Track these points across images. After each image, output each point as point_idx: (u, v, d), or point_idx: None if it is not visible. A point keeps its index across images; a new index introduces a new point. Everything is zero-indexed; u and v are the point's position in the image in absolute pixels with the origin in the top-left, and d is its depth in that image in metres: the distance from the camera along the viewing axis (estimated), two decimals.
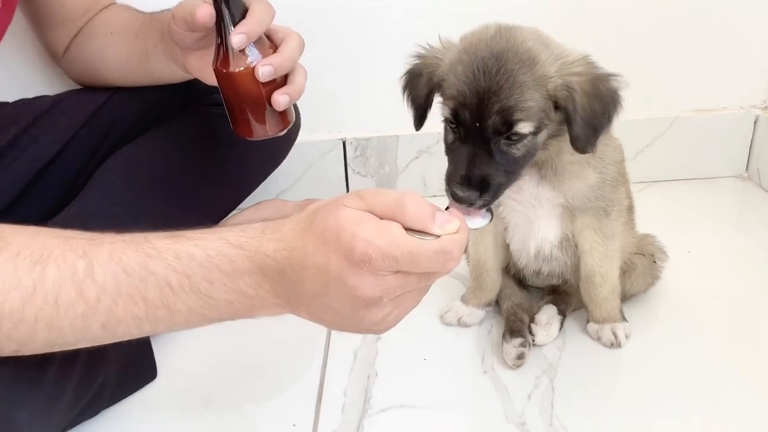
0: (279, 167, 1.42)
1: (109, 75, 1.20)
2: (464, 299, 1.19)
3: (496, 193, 0.88)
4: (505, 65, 0.84)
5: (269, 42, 0.97)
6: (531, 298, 1.21)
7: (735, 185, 1.67)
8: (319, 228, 0.65)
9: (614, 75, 0.90)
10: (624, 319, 1.13)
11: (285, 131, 1.02)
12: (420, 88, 0.95)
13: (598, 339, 1.12)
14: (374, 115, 1.59)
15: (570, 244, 1.09)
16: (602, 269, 1.08)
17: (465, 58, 0.87)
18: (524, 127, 0.85)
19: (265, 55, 0.94)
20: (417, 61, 0.96)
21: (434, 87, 0.93)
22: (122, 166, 1.17)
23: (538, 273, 1.16)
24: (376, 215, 0.65)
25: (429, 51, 0.94)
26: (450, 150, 0.92)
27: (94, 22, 1.21)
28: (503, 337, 1.10)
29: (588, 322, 1.14)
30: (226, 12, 0.91)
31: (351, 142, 1.61)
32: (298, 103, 1.15)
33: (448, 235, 0.65)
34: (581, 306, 1.16)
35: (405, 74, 0.98)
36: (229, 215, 1.31)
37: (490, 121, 0.84)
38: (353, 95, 1.58)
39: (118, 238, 0.71)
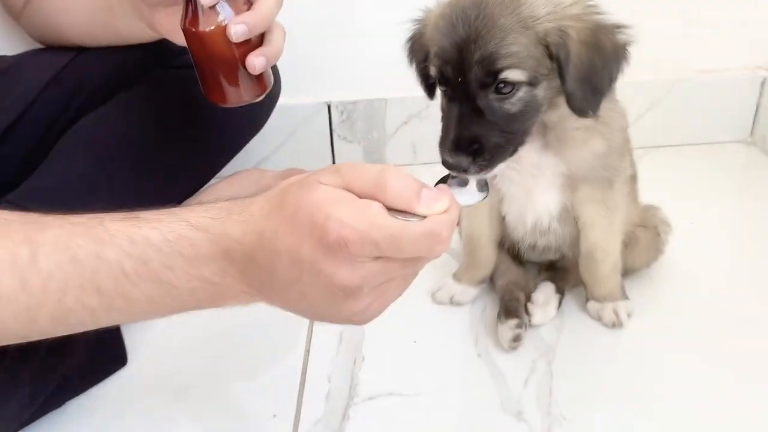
0: (259, 133, 1.33)
1: (72, 34, 1.11)
2: (456, 276, 1.12)
3: (494, 157, 0.80)
4: (485, 9, 0.77)
5: None
6: (527, 275, 1.14)
7: (739, 151, 1.61)
8: (291, 208, 0.58)
9: (621, 26, 0.81)
10: (626, 296, 1.07)
11: (262, 97, 0.93)
12: (417, 52, 0.88)
13: (599, 318, 1.06)
14: (361, 76, 1.51)
15: (569, 216, 1.02)
16: (605, 244, 1.02)
17: (447, 11, 0.80)
18: (512, 75, 0.77)
19: (238, 13, 0.85)
20: (416, 25, 0.89)
21: (427, 50, 0.85)
22: (87, 135, 1.08)
23: (534, 247, 1.09)
24: (354, 193, 0.58)
25: (425, 12, 0.87)
26: (443, 114, 0.84)
27: None
28: (498, 317, 1.03)
29: (588, 300, 1.08)
30: None
31: (336, 106, 1.52)
32: (278, 64, 1.06)
33: (435, 216, 0.58)
34: (580, 282, 1.10)
35: (406, 41, 0.91)
36: (205, 186, 1.23)
37: (472, 74, 0.77)
38: (338, 55, 1.49)
39: (67, 220, 0.64)
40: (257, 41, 0.88)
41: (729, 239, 1.28)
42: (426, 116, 1.52)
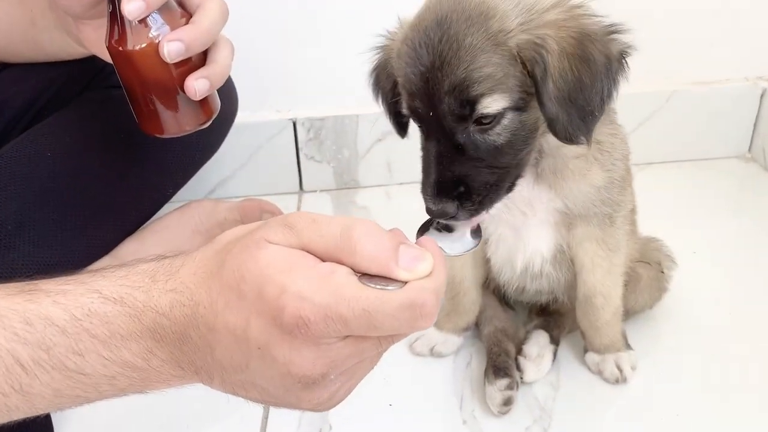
0: (216, 153, 1.21)
1: None
2: (437, 324, 0.99)
3: (485, 197, 0.69)
4: (449, 29, 0.65)
5: (181, 9, 0.74)
6: (516, 320, 1.02)
7: (737, 167, 1.51)
8: (233, 275, 0.47)
9: (614, 29, 0.68)
10: (628, 346, 0.96)
11: (208, 124, 0.79)
12: (384, 84, 0.77)
13: (600, 373, 0.94)
14: (330, 91, 1.38)
15: (565, 258, 0.90)
16: (605, 288, 0.90)
17: (410, 34, 0.69)
18: (491, 103, 0.66)
19: (174, 27, 0.72)
20: (378, 53, 0.77)
21: (395, 79, 0.73)
22: (7, 167, 0.94)
23: (523, 290, 0.97)
24: (313, 255, 0.48)
25: (387, 36, 0.76)
26: (423, 151, 0.71)
27: None
28: (486, 375, 0.91)
29: (586, 351, 0.96)
30: None
31: (303, 123, 1.39)
32: (237, 76, 0.93)
33: (417, 281, 0.47)
34: (577, 327, 0.98)
35: (370, 72, 0.80)
36: (151, 219, 1.08)
37: (444, 106, 0.66)
38: (305, 67, 1.35)
39: None
40: (198, 60, 0.75)
41: (735, 270, 1.17)
42: None
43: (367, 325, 0.46)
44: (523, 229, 0.86)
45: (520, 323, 1.01)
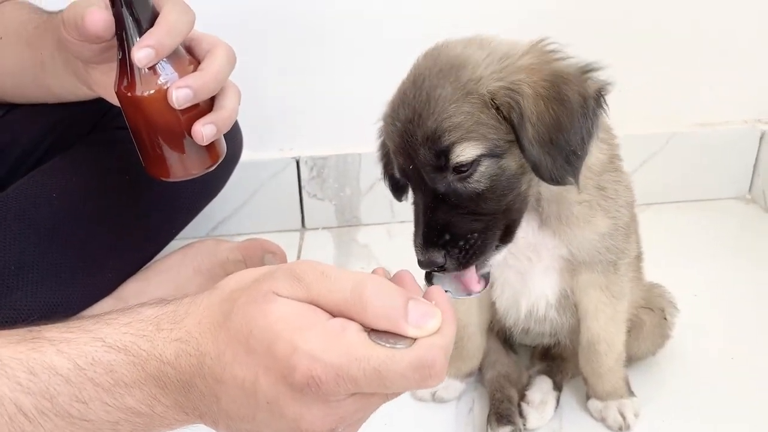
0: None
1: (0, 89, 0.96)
2: None
3: (474, 247, 0.69)
4: (422, 86, 0.68)
5: (189, 56, 0.75)
6: (519, 364, 1.01)
7: (737, 208, 1.51)
8: (241, 329, 0.47)
9: (589, 68, 0.69)
10: (632, 393, 0.95)
11: (214, 167, 0.80)
12: (384, 156, 0.81)
13: (602, 420, 0.93)
14: (332, 129, 1.39)
15: (569, 303, 0.90)
16: (608, 335, 0.90)
17: (392, 98, 0.72)
18: (463, 151, 0.67)
19: (182, 74, 0.73)
20: (379, 128, 0.80)
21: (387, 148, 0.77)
22: (12, 208, 0.94)
23: (527, 331, 0.96)
24: (322, 309, 0.47)
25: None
26: (414, 209, 0.74)
27: None
28: (488, 422, 0.90)
29: (589, 397, 0.95)
30: (127, 17, 0.70)
31: (306, 162, 1.39)
32: (240, 115, 0.93)
33: (427, 339, 0.47)
34: (579, 372, 0.97)
35: (378, 148, 0.84)
36: (153, 259, 1.08)
37: (421, 158, 0.68)
38: (308, 107, 1.36)
39: None
40: (206, 105, 0.75)
41: (733, 311, 1.17)
42: None
43: (377, 384, 0.46)
44: (528, 274, 0.86)
45: (522, 368, 1.00)
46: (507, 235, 0.74)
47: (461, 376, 0.98)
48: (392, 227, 1.44)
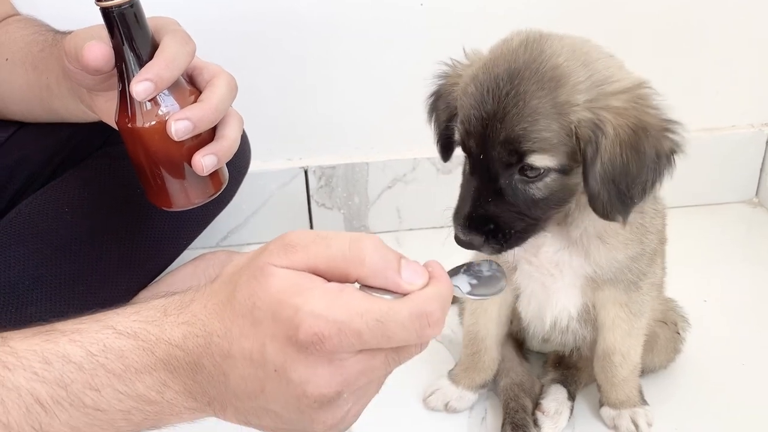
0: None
1: (7, 109, 0.98)
2: (453, 378, 0.99)
3: (509, 241, 0.72)
4: (519, 86, 0.68)
5: (190, 86, 0.76)
6: (532, 373, 1.01)
7: (745, 212, 1.51)
8: (245, 303, 0.49)
9: (671, 127, 0.70)
10: (644, 401, 0.95)
11: (216, 195, 0.80)
12: (440, 111, 0.79)
13: (615, 428, 0.94)
14: (340, 139, 1.39)
15: (591, 316, 0.91)
16: (624, 348, 0.90)
17: (480, 75, 0.71)
18: (539, 160, 0.69)
19: (183, 104, 0.73)
20: (440, 81, 0.79)
21: (454, 110, 0.76)
22: (25, 222, 0.96)
23: (548, 340, 0.97)
24: (319, 273, 0.49)
25: (452, 68, 0.78)
26: (462, 182, 0.76)
27: None
28: (503, 431, 0.90)
29: (602, 405, 0.96)
30: (127, 50, 0.70)
31: (314, 171, 1.39)
32: (249, 126, 0.94)
33: (422, 291, 0.49)
34: (592, 380, 0.97)
35: (429, 96, 0.83)
36: (165, 272, 1.09)
37: (494, 152, 0.70)
38: (316, 117, 1.36)
39: None
40: (207, 135, 0.75)
41: (743, 315, 1.17)
42: (411, 180, 1.41)
43: (380, 336, 0.48)
44: (552, 288, 0.87)
45: (535, 376, 1.01)
46: (533, 235, 0.76)
47: (475, 387, 0.98)
48: (400, 235, 1.44)
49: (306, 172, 1.39)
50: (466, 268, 0.58)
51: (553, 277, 0.84)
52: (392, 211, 1.44)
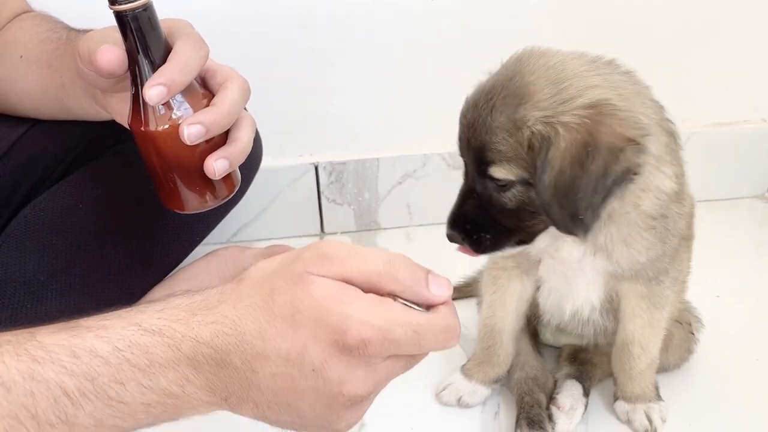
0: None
1: (21, 107, 0.98)
2: (466, 372, 0.99)
3: (483, 245, 0.78)
4: (491, 100, 0.73)
5: (203, 89, 0.76)
6: (546, 366, 1.01)
7: (756, 206, 1.51)
8: (285, 307, 0.52)
9: (630, 146, 0.69)
10: (659, 397, 0.95)
11: (229, 198, 0.81)
12: None
13: (629, 422, 0.94)
14: (350, 135, 1.39)
15: (612, 307, 0.91)
16: (643, 338, 0.90)
17: (477, 86, 0.77)
18: (497, 172, 0.73)
19: (195, 108, 0.73)
20: None
21: None
22: (40, 218, 0.95)
23: (563, 330, 0.98)
24: (353, 284, 0.53)
25: None
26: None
27: (1, 38, 0.97)
28: (518, 427, 0.91)
29: (616, 399, 0.95)
30: (140, 54, 0.70)
31: (324, 167, 1.39)
32: (260, 123, 0.93)
33: (447, 308, 0.55)
34: (606, 376, 0.98)
35: None
36: (177, 267, 1.09)
37: (469, 158, 0.76)
38: (326, 113, 1.36)
39: None
40: (220, 138, 0.75)
41: (756, 310, 1.16)
42: (422, 175, 1.41)
43: (414, 345, 0.53)
44: (574, 282, 0.87)
45: (548, 371, 1.00)
46: (523, 242, 0.79)
47: (488, 382, 0.98)
48: (411, 231, 1.44)
49: (316, 168, 1.39)
50: None
51: (575, 272, 0.84)
52: (402, 206, 1.44)
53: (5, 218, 0.97)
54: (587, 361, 0.99)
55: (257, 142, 1.12)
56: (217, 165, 0.74)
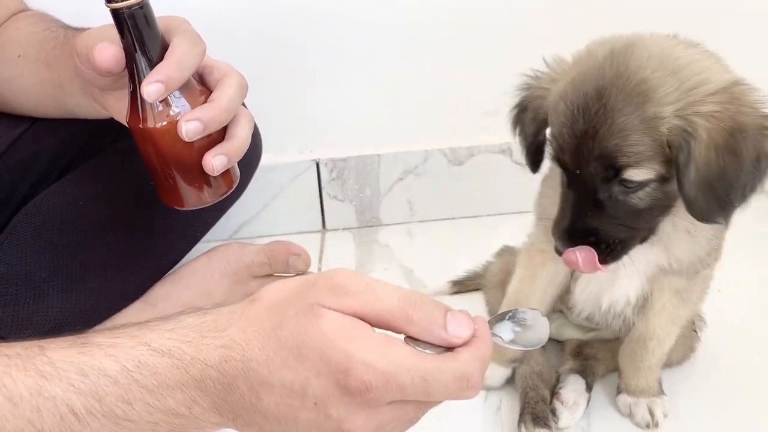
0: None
1: (20, 106, 0.98)
2: None
3: (614, 252, 0.73)
4: (607, 104, 0.68)
5: (200, 86, 0.76)
6: (550, 361, 1.01)
7: (757, 201, 1.47)
8: (292, 338, 0.51)
9: None
10: (662, 392, 0.95)
11: (228, 194, 0.81)
12: (527, 124, 0.80)
13: (630, 416, 0.93)
14: (352, 131, 1.39)
15: (646, 304, 0.90)
16: (663, 333, 0.90)
17: (569, 93, 0.71)
18: (636, 174, 0.69)
19: (193, 105, 0.73)
20: (524, 93, 0.80)
21: (542, 123, 0.77)
22: (40, 215, 0.95)
23: (589, 320, 0.97)
24: (366, 321, 0.52)
25: (536, 80, 0.78)
26: (561, 196, 0.77)
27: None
28: (522, 423, 0.90)
29: (619, 392, 0.95)
30: (137, 51, 0.70)
31: (326, 163, 1.39)
32: (260, 118, 0.94)
33: (468, 354, 0.52)
34: (608, 373, 0.98)
35: (513, 108, 0.83)
36: (179, 263, 1.09)
37: (591, 168, 0.70)
38: (327, 109, 1.36)
39: (1, 351, 0.54)
40: (218, 135, 0.75)
41: (758, 305, 1.16)
42: (423, 171, 1.41)
43: (421, 392, 0.50)
44: (617, 273, 0.86)
45: (552, 365, 1.00)
46: (645, 238, 0.77)
47: (507, 362, 0.97)
48: (412, 227, 1.44)
49: (318, 165, 1.39)
50: (511, 315, 0.59)
51: (623, 263, 0.82)
52: (403, 203, 1.44)
53: (6, 216, 0.97)
54: (591, 356, 0.99)
55: (256, 138, 1.12)
56: (215, 161, 0.74)
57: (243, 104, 0.79)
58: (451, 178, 1.40)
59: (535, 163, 0.84)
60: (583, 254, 0.73)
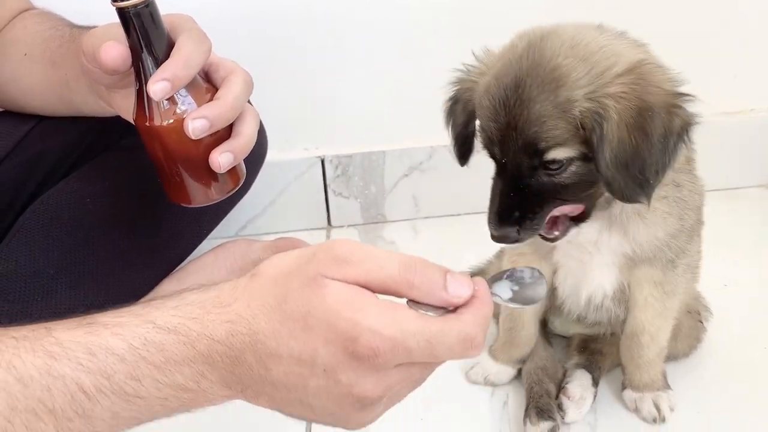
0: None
1: (26, 104, 0.99)
2: (492, 353, 1.01)
3: (537, 219, 0.74)
4: (523, 94, 0.70)
5: (206, 83, 0.76)
6: (555, 356, 1.01)
7: (763, 196, 1.50)
8: (297, 310, 0.52)
9: (680, 98, 0.69)
10: (668, 386, 0.95)
11: (235, 191, 0.81)
12: (458, 115, 0.81)
13: (637, 411, 0.94)
14: (357, 128, 1.39)
15: (625, 296, 0.91)
16: (653, 328, 0.90)
17: (492, 86, 0.73)
18: (558, 153, 0.71)
19: (199, 102, 0.73)
20: (456, 86, 0.81)
21: (471, 115, 0.78)
22: (48, 213, 0.96)
23: (583, 319, 0.97)
24: (370, 288, 0.53)
25: (466, 73, 0.79)
26: (492, 185, 0.78)
27: (5, 36, 0.98)
28: (527, 417, 0.91)
29: (624, 388, 0.96)
30: (143, 50, 0.70)
31: (331, 160, 1.40)
32: (265, 116, 0.94)
33: (470, 316, 0.53)
34: (614, 367, 0.98)
35: (446, 101, 0.84)
36: (186, 260, 1.09)
37: (517, 158, 0.72)
38: (332, 106, 1.37)
39: (9, 333, 0.54)
40: (224, 132, 0.76)
41: (763, 300, 1.16)
42: (428, 168, 1.41)
43: (427, 355, 0.52)
44: (589, 265, 0.87)
45: (558, 361, 1.01)
46: (580, 217, 0.78)
47: (513, 362, 0.99)
48: (417, 223, 1.44)
49: (323, 162, 1.39)
50: (509, 274, 0.59)
51: (591, 254, 0.84)
52: (409, 199, 1.44)
53: (14, 214, 0.98)
54: (597, 351, 0.99)
55: (262, 135, 1.12)
56: (221, 158, 0.74)
57: (249, 101, 0.79)
58: (456, 175, 1.38)
59: (463, 155, 0.85)
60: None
